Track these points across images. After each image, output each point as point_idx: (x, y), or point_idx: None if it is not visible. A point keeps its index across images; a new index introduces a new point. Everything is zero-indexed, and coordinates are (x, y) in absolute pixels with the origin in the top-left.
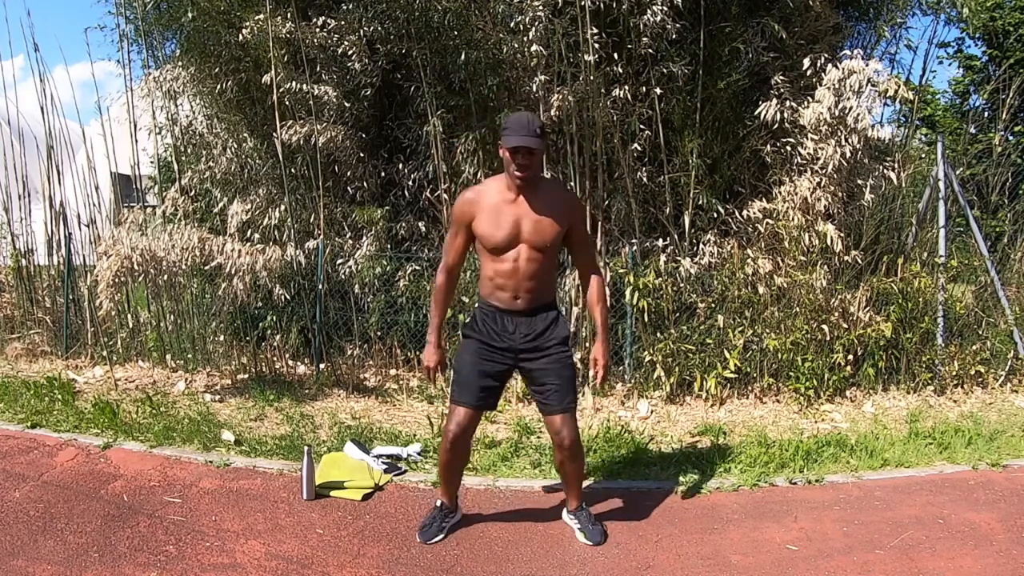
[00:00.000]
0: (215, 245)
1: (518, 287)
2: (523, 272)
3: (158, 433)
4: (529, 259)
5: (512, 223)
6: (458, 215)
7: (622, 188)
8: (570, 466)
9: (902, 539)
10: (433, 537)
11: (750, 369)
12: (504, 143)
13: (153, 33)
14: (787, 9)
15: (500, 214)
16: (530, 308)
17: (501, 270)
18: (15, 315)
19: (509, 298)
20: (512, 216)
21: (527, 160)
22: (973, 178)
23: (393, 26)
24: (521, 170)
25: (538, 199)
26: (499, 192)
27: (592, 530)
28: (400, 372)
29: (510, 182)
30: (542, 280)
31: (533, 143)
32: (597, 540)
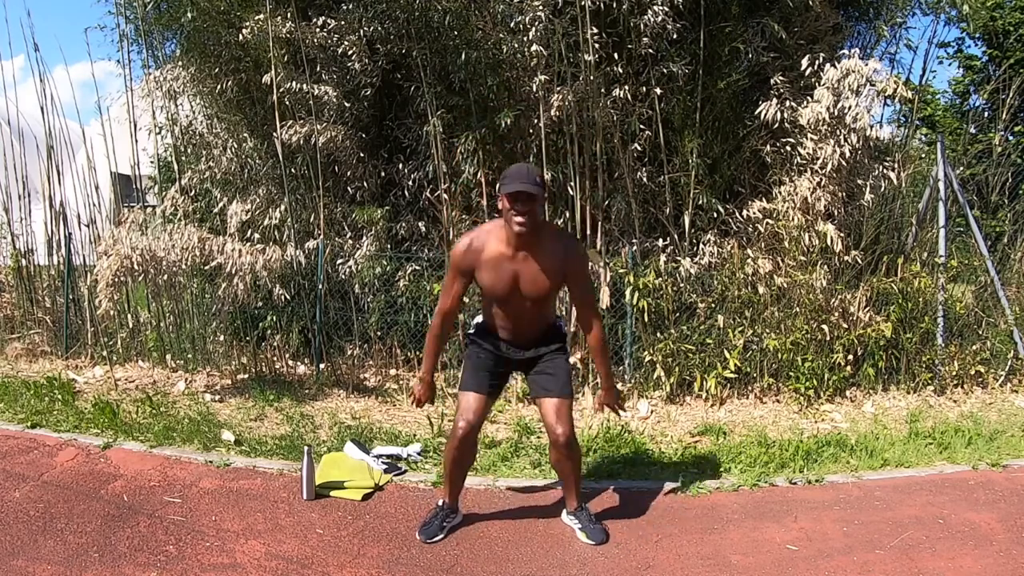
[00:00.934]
0: (215, 245)
1: (518, 329)
2: (524, 319)
3: (158, 433)
4: (530, 308)
5: (510, 278)
6: (457, 263)
7: (622, 188)
8: (567, 464)
9: (902, 539)
10: (434, 536)
11: (750, 369)
12: (502, 190)
13: (153, 33)
14: (787, 9)
15: (499, 268)
16: (530, 343)
17: (501, 313)
18: (15, 315)
19: (510, 336)
20: (510, 271)
21: (526, 207)
22: (973, 178)
23: (393, 26)
24: (520, 217)
25: (537, 252)
26: (498, 244)
27: (593, 529)
28: (400, 372)
29: (509, 234)
30: (541, 321)
31: (532, 189)
32: (599, 539)
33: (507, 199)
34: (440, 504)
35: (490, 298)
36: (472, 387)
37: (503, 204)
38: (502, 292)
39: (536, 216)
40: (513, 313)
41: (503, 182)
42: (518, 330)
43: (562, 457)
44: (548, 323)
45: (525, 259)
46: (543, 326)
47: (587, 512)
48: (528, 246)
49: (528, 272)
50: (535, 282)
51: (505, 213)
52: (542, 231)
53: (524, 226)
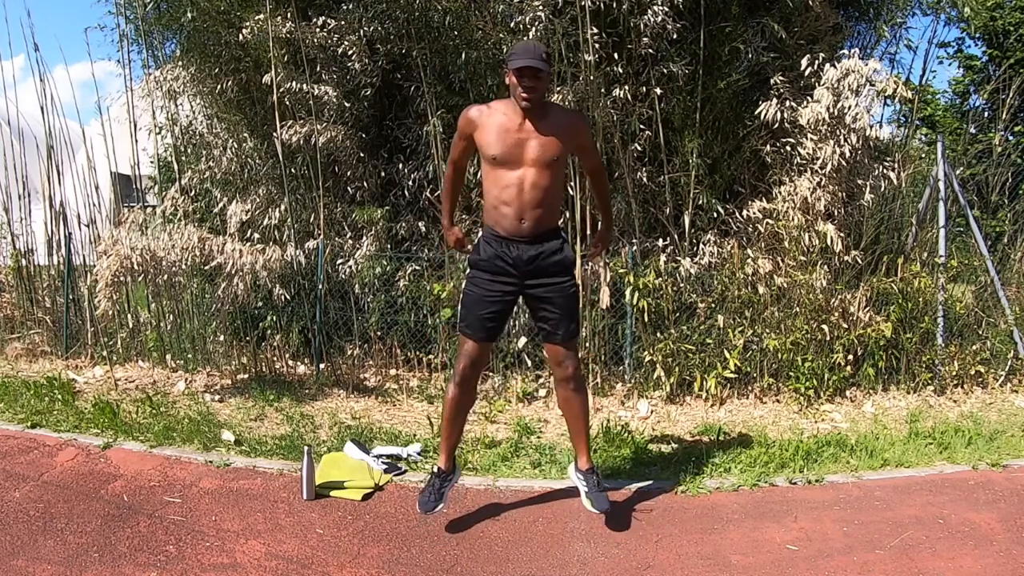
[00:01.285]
0: (215, 245)
1: (523, 209)
2: (528, 194)
3: (158, 433)
4: (534, 183)
5: (517, 142)
6: (463, 125)
7: (622, 188)
8: (575, 401)
9: (902, 539)
10: (434, 506)
11: (750, 369)
12: (510, 66)
13: (153, 33)
14: (787, 9)
15: (506, 133)
16: (535, 232)
17: (506, 194)
18: (15, 315)
19: (514, 221)
20: (516, 137)
21: (533, 83)
22: (973, 178)
23: (393, 26)
24: (527, 92)
25: (544, 123)
26: (506, 114)
27: (598, 497)
28: (400, 372)
29: (516, 106)
30: (547, 203)
31: (539, 64)
32: (603, 507)
33: (514, 75)
34: (436, 470)
35: (495, 167)
36: (471, 331)
37: (510, 79)
38: (507, 156)
39: (542, 91)
40: (518, 191)
41: (510, 57)
42: (521, 206)
43: (570, 394)
44: (553, 211)
45: (533, 128)
46: (548, 210)
47: (597, 477)
48: (536, 118)
49: (535, 140)
50: (542, 148)
51: (512, 89)
52: (548, 106)
53: (530, 101)
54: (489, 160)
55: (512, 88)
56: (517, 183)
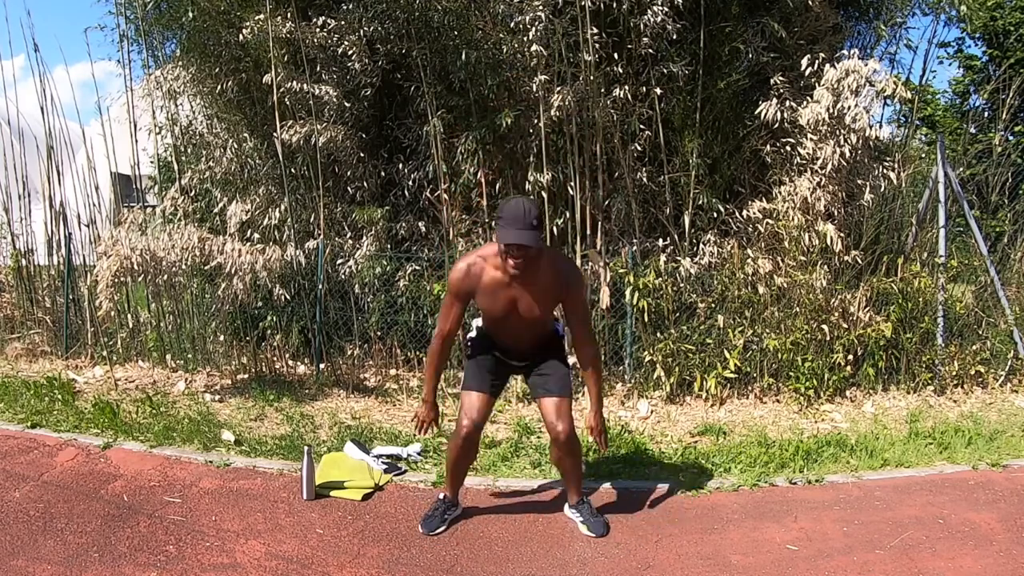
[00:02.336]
0: (215, 245)
1: (517, 343)
2: (520, 337)
3: (158, 433)
4: (527, 328)
5: (507, 302)
6: (454, 286)
7: (622, 188)
8: (567, 460)
9: (902, 539)
10: (436, 528)
11: (750, 369)
12: (498, 237)
13: (153, 33)
14: (787, 9)
15: (496, 293)
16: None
17: (499, 330)
18: (15, 315)
19: (510, 347)
20: (508, 296)
21: (521, 253)
22: (973, 178)
23: (393, 26)
24: (515, 264)
25: (534, 279)
26: (495, 270)
27: (595, 522)
28: (400, 372)
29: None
30: (540, 336)
31: (527, 239)
32: (600, 532)
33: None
34: (441, 497)
35: (489, 318)
36: (475, 386)
37: (498, 244)
38: (500, 314)
39: (531, 260)
40: (511, 332)
41: (499, 224)
42: (517, 346)
43: (563, 454)
44: (547, 334)
45: (522, 286)
46: (542, 340)
47: (589, 505)
48: (524, 276)
49: (525, 298)
50: (532, 307)
51: (500, 252)
52: (540, 257)
53: (519, 269)
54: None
55: (500, 250)
56: (511, 328)
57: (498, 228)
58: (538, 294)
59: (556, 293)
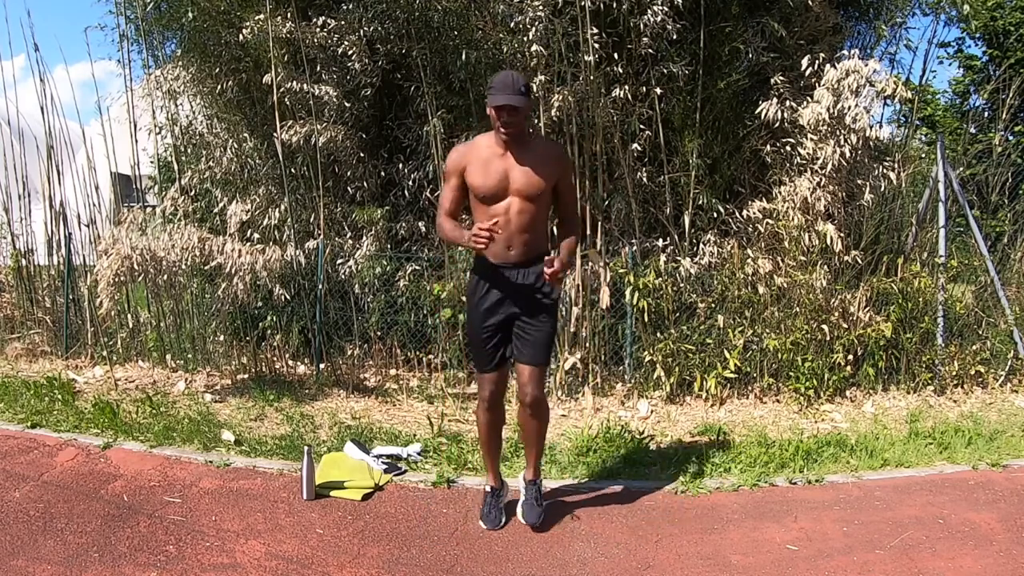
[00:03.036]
0: (215, 245)
1: (510, 237)
2: (515, 222)
3: (158, 433)
4: (520, 210)
5: (501, 175)
6: (450, 167)
7: (622, 188)
8: (531, 423)
9: (902, 539)
10: (498, 522)
11: (750, 369)
12: (489, 102)
13: (153, 33)
14: (787, 9)
15: (489, 165)
16: (522, 258)
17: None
18: (15, 315)
19: (502, 249)
20: (501, 168)
21: (512, 117)
22: (973, 178)
23: (393, 26)
24: (507, 127)
25: (526, 153)
26: (488, 147)
27: (533, 509)
28: (400, 372)
29: (498, 137)
30: (534, 230)
31: (516, 101)
32: (531, 521)
33: (494, 110)
34: (489, 489)
35: (480, 199)
36: (485, 368)
37: (490, 112)
38: (492, 188)
39: (522, 123)
40: (504, 221)
41: (490, 92)
42: (510, 239)
43: (528, 416)
44: (540, 237)
45: (515, 160)
46: (535, 237)
47: (536, 489)
48: (518, 149)
49: (519, 170)
50: (527, 179)
51: (493, 121)
52: (533, 138)
53: (509, 135)
54: (477, 197)
55: (493, 121)
56: (503, 213)
57: (489, 95)
58: (532, 163)
59: (550, 168)
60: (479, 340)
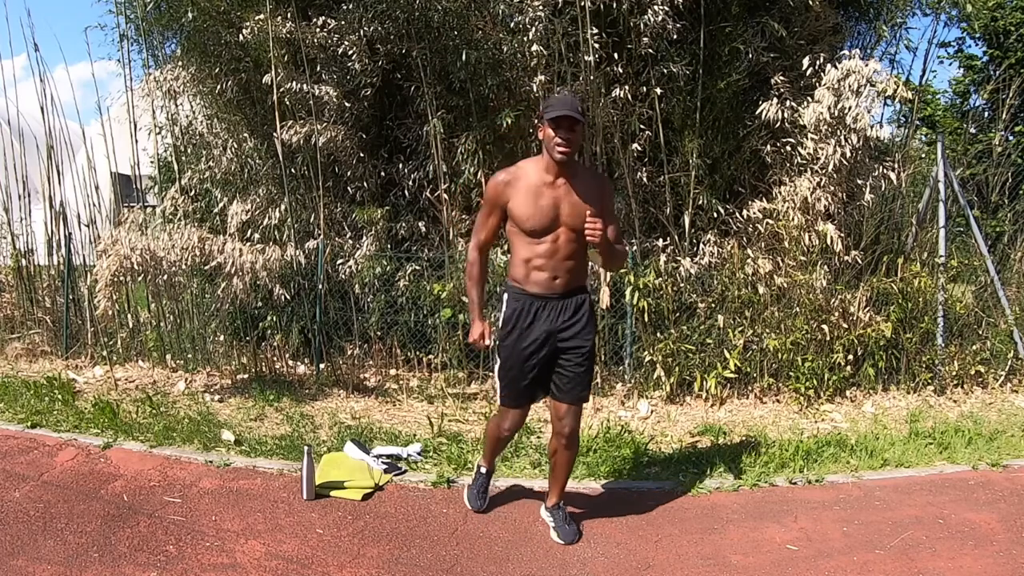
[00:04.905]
0: (215, 245)
1: (557, 268)
2: (562, 254)
3: (158, 433)
4: (568, 240)
5: (551, 206)
6: (492, 196)
7: (622, 188)
8: (563, 455)
9: (902, 539)
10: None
11: (750, 369)
12: (546, 117)
13: (153, 33)
14: (787, 9)
15: (539, 196)
16: (566, 290)
17: (539, 251)
18: (15, 315)
19: (547, 280)
20: (551, 199)
21: (569, 134)
22: (973, 178)
23: (393, 26)
24: (564, 143)
25: (576, 182)
26: (536, 174)
27: (566, 530)
28: (400, 372)
29: (548, 163)
30: (579, 261)
31: (576, 114)
32: (569, 539)
33: (550, 125)
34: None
35: (527, 232)
36: (512, 403)
37: (544, 132)
38: (542, 221)
39: (578, 143)
40: (552, 250)
41: (546, 110)
42: (557, 270)
43: (560, 447)
44: (583, 269)
45: (566, 186)
46: (579, 268)
47: (563, 512)
48: (568, 175)
49: (569, 200)
50: (576, 209)
51: (547, 141)
52: (578, 167)
53: (567, 153)
54: (523, 229)
55: (547, 140)
56: (550, 244)
57: (546, 112)
58: (582, 193)
59: (596, 198)
60: (516, 376)
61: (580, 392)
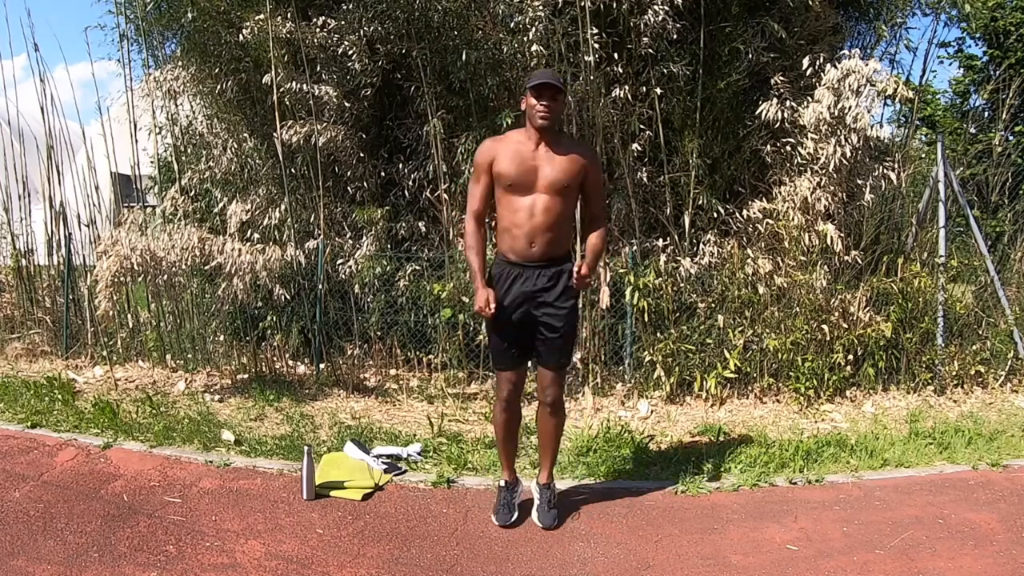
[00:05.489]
0: (215, 245)
1: (534, 234)
2: (539, 218)
3: (158, 433)
4: (546, 207)
5: (530, 167)
6: (479, 159)
7: (622, 188)
8: (548, 422)
9: (902, 539)
10: (508, 520)
11: (750, 369)
12: (528, 86)
13: (153, 33)
14: (787, 9)
15: (520, 156)
16: (545, 257)
17: (517, 218)
18: (15, 315)
19: (524, 246)
20: (531, 161)
21: (549, 102)
22: (973, 178)
23: (393, 26)
24: (544, 110)
25: (557, 149)
26: (519, 141)
27: (547, 514)
28: (400, 372)
29: (531, 131)
30: (557, 229)
31: (556, 82)
32: (547, 524)
33: (531, 93)
34: (503, 484)
35: (506, 188)
36: (501, 365)
37: (527, 101)
38: (520, 180)
39: (559, 112)
40: (529, 215)
41: (528, 82)
42: (532, 230)
43: (545, 415)
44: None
45: (547, 153)
46: (558, 237)
47: (551, 492)
48: (549, 142)
49: (548, 164)
50: (555, 172)
51: (529, 110)
52: (562, 135)
53: (547, 119)
54: (504, 187)
55: (529, 109)
56: (528, 207)
57: (527, 84)
58: (562, 159)
59: (579, 164)
60: (498, 338)
61: (559, 359)
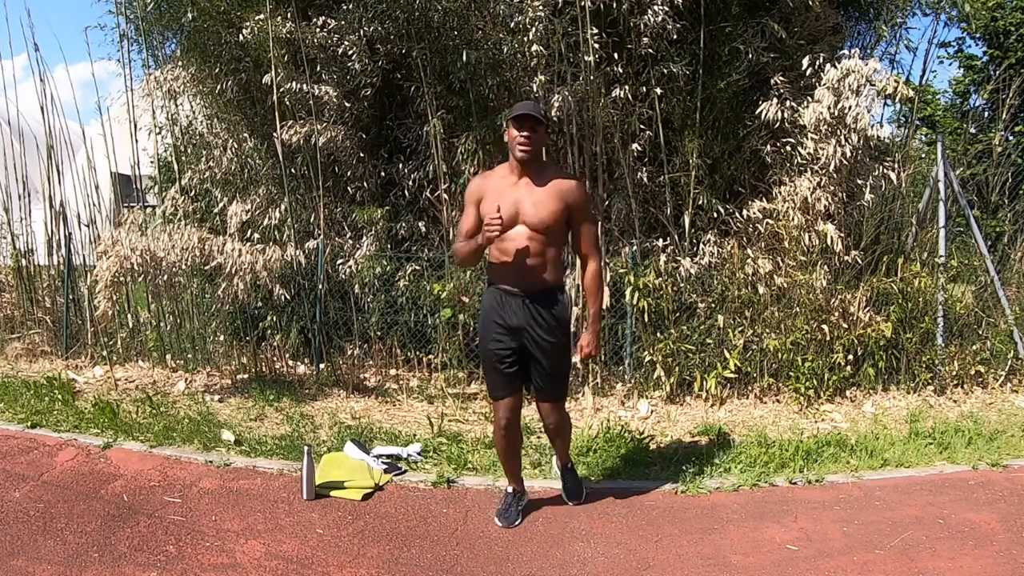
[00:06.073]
0: (215, 245)
1: (521, 266)
2: (525, 252)
3: (158, 433)
4: (530, 239)
5: (512, 203)
6: (468, 196)
7: (622, 188)
8: (556, 439)
9: (902, 539)
10: (514, 521)
11: (750, 369)
12: (508, 118)
13: (153, 33)
14: (787, 9)
15: (502, 194)
16: (533, 290)
17: (504, 250)
18: (15, 315)
19: (514, 277)
20: (513, 197)
21: (530, 134)
22: (973, 178)
23: (393, 26)
24: (524, 141)
25: (539, 182)
26: (503, 176)
27: (573, 490)
28: (400, 372)
29: (513, 163)
30: (544, 262)
31: (536, 113)
32: (577, 498)
33: (513, 125)
34: (511, 491)
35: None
36: (498, 394)
37: (509, 134)
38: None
39: (539, 143)
40: (514, 250)
41: (509, 113)
42: (520, 269)
43: (551, 435)
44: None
45: (528, 186)
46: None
47: (573, 472)
48: (532, 175)
49: (529, 201)
50: (537, 208)
51: (511, 143)
52: (547, 167)
53: (527, 151)
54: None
55: (511, 142)
56: (514, 240)
57: (509, 115)
58: (544, 193)
59: (562, 197)
60: (491, 366)
61: (554, 391)
